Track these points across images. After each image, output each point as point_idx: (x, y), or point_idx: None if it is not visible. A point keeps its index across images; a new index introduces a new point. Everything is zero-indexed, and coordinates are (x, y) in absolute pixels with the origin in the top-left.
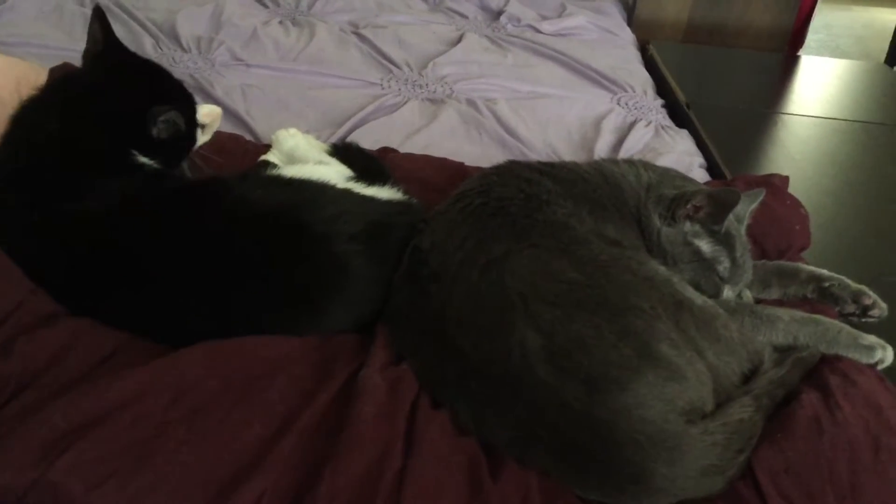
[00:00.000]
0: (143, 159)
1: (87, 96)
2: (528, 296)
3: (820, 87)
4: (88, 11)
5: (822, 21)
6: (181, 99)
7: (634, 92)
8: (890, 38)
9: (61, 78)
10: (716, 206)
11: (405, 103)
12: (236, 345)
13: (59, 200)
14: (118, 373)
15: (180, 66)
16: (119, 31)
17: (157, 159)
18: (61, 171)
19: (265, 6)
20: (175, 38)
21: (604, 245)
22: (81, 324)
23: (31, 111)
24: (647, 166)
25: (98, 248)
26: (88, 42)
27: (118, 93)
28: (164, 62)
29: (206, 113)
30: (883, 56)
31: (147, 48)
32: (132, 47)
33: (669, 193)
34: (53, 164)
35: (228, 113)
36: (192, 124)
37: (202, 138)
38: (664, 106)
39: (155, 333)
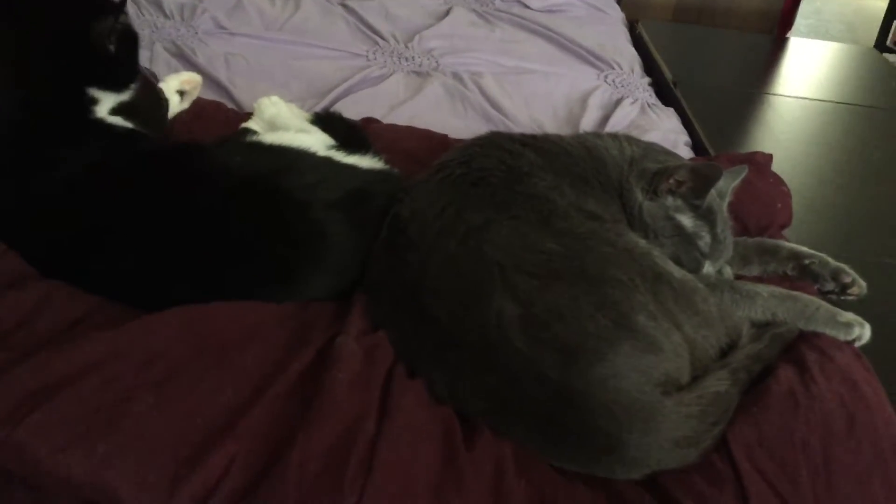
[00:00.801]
0: (104, 101)
1: (16, 47)
2: (507, 266)
3: (808, 69)
4: None
5: (813, 6)
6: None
7: (622, 69)
8: (879, 25)
9: None
10: (698, 181)
11: (390, 75)
12: (210, 310)
13: (28, 170)
14: (89, 335)
15: (162, 33)
16: None
17: (113, 84)
18: (27, 139)
19: None
20: (157, 4)
21: (583, 218)
22: (53, 286)
23: None
24: (631, 140)
25: (69, 212)
26: None
27: (42, 32)
28: (146, 28)
29: (186, 80)
30: (872, 42)
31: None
32: None
33: (652, 167)
34: (16, 132)
35: (211, 81)
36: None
37: (181, 105)
38: (651, 84)
39: (128, 298)
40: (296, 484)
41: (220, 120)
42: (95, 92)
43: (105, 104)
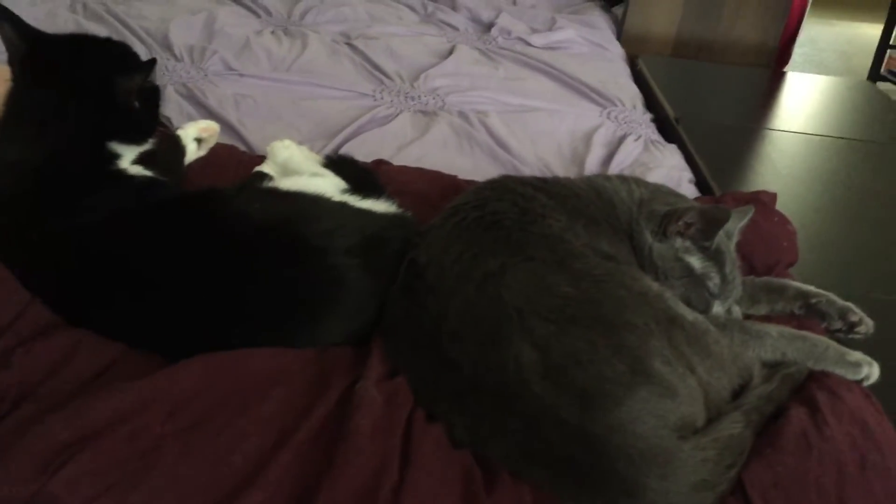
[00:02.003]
0: (125, 154)
1: (42, 106)
2: (524, 310)
3: (805, 103)
4: (81, 18)
5: (807, 36)
6: (127, 57)
7: (624, 106)
8: (873, 54)
9: (10, 95)
10: (706, 223)
11: (397, 115)
12: (233, 357)
13: (52, 218)
14: (116, 385)
15: (173, 75)
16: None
17: (136, 138)
18: (50, 191)
19: (257, 16)
20: (167, 46)
21: (598, 259)
22: (79, 335)
23: (1, 139)
24: (639, 182)
25: (93, 261)
26: (8, 49)
27: (69, 89)
28: (157, 71)
29: (204, 128)
30: (866, 71)
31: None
32: None
33: (661, 209)
34: (39, 185)
35: (221, 123)
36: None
37: (198, 153)
38: (653, 120)
39: (151, 345)
40: None
41: (233, 164)
42: (118, 146)
43: (128, 156)
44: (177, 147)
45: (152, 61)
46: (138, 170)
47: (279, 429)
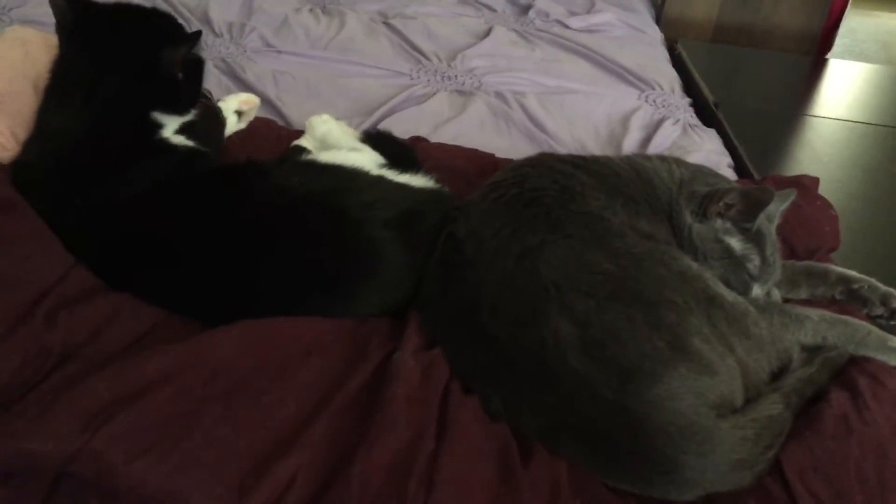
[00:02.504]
0: (168, 125)
1: (87, 75)
2: (563, 286)
3: (848, 90)
4: None
5: (848, 26)
6: (172, 29)
7: (662, 90)
8: None
9: (56, 63)
10: (748, 204)
11: (434, 94)
12: (271, 325)
13: (96, 186)
14: (157, 348)
15: (212, 51)
16: None
17: (179, 108)
18: (94, 159)
19: None
20: (207, 22)
21: (637, 238)
22: (121, 299)
23: (47, 106)
24: (680, 163)
25: (136, 228)
26: (56, 16)
27: (114, 59)
28: (200, 44)
29: (244, 100)
30: None
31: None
32: None
33: (702, 190)
34: (84, 153)
35: (260, 98)
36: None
37: (238, 125)
38: (692, 105)
39: (193, 311)
40: (358, 497)
41: (272, 137)
42: (161, 116)
43: (170, 126)
44: (217, 119)
45: (198, 33)
46: (180, 140)
47: (316, 397)
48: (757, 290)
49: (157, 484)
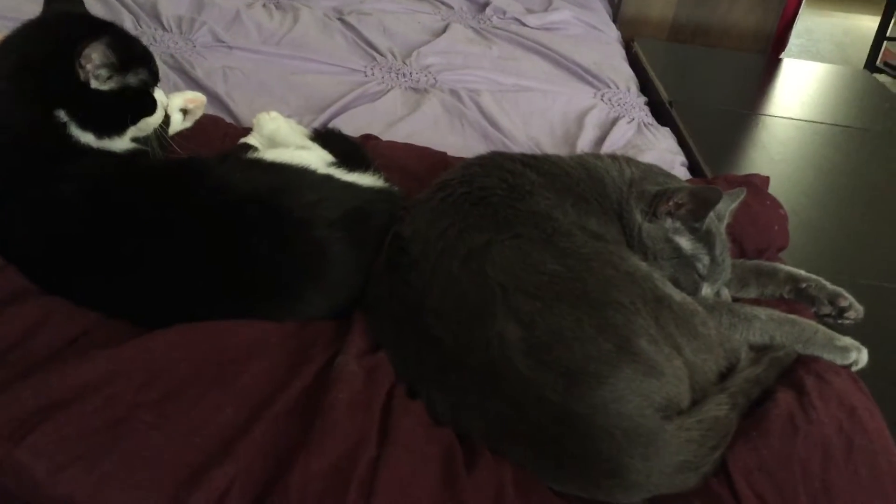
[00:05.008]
0: (76, 130)
1: (14, 66)
2: (509, 287)
3: (801, 90)
4: None
5: (804, 26)
6: (130, 48)
7: (618, 88)
8: (869, 45)
9: None
10: (697, 204)
11: (388, 91)
12: (210, 328)
13: (30, 187)
14: (89, 353)
15: (160, 46)
16: (98, 8)
17: (92, 126)
18: (31, 158)
19: None
20: (156, 16)
21: (586, 238)
22: (52, 302)
23: None
24: (630, 162)
25: (72, 228)
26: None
27: (38, 46)
28: (144, 41)
29: (191, 99)
30: (862, 62)
31: (127, 26)
32: None
33: (652, 189)
34: (14, 149)
35: (208, 95)
36: (145, 83)
37: (184, 124)
38: (647, 103)
39: (128, 315)
40: None
41: (219, 135)
42: (70, 123)
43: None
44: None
45: (136, 52)
46: (77, 126)
47: (255, 401)
48: (706, 290)
49: (84, 496)
